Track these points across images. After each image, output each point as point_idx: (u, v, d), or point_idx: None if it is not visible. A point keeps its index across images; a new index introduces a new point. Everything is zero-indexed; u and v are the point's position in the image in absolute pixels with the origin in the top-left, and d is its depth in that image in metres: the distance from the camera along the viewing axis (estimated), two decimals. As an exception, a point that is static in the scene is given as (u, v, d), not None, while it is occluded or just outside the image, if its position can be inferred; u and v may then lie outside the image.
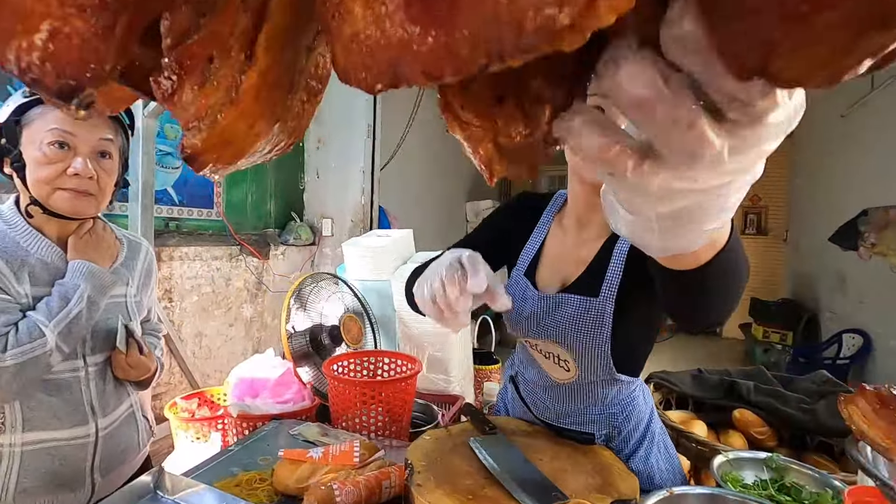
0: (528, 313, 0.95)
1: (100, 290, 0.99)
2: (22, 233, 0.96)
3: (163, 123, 2.51)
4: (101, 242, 1.04)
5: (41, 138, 0.91)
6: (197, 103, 0.24)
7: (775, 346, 5.27)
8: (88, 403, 1.02)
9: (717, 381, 1.47)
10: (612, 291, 0.87)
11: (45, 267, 0.97)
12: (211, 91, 0.24)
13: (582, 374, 0.93)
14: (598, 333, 0.88)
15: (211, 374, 2.81)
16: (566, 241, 0.97)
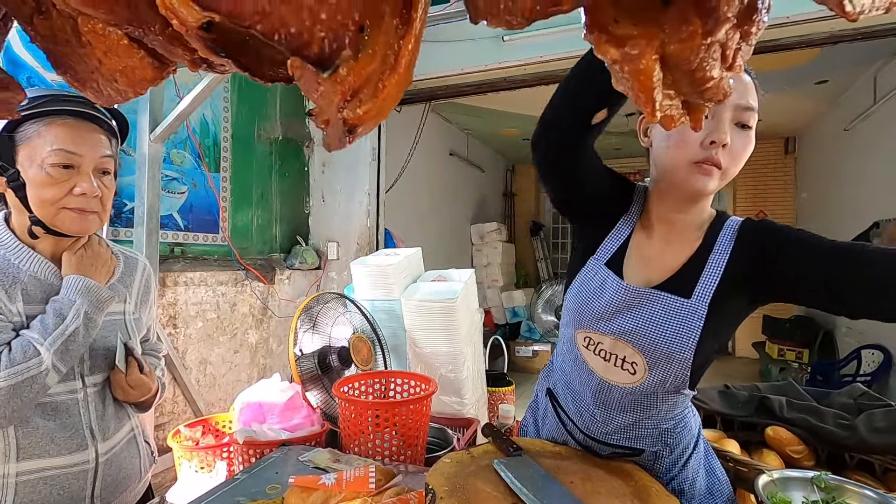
0: (604, 304, 0.89)
1: (97, 306, 0.95)
2: (13, 250, 0.92)
3: (169, 149, 2.51)
4: (96, 258, 1.01)
5: (44, 158, 0.88)
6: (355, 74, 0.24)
7: (791, 364, 5.14)
8: (88, 427, 0.97)
9: (747, 398, 1.39)
10: (706, 295, 0.83)
11: (39, 284, 0.93)
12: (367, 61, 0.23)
13: (651, 378, 0.86)
14: (687, 337, 0.82)
15: (215, 402, 2.74)
16: (653, 241, 0.92)
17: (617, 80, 0.25)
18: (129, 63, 0.38)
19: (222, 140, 2.89)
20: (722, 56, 0.23)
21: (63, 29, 0.38)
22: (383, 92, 0.25)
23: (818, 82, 4.37)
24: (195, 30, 0.29)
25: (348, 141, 0.28)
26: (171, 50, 0.35)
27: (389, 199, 3.73)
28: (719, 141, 0.78)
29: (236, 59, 0.31)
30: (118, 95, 0.42)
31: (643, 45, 0.23)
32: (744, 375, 5.74)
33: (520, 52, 2.83)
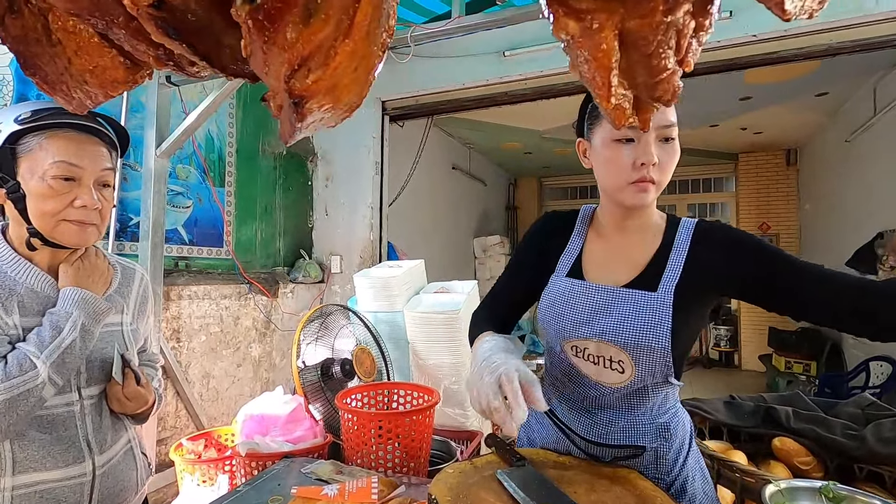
0: (579, 309, 0.95)
1: (94, 318, 0.95)
2: (9, 262, 0.92)
3: (174, 164, 2.55)
4: (93, 269, 1.01)
5: (45, 170, 0.89)
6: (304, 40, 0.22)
7: (799, 376, 5.08)
8: (84, 440, 0.96)
9: (753, 408, 1.38)
10: (670, 287, 0.90)
11: (35, 296, 0.93)
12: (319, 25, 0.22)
13: (639, 374, 0.91)
14: (658, 328, 0.88)
15: (218, 416, 2.73)
16: (609, 246, 1.00)
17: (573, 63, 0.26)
18: (100, 62, 0.38)
19: (227, 155, 2.92)
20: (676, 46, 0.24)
21: (34, 28, 0.38)
22: (335, 60, 0.24)
23: (818, 94, 4.40)
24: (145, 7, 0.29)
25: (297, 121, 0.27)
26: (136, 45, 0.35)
27: (392, 212, 3.74)
28: (648, 162, 0.87)
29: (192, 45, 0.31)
30: (88, 99, 0.42)
31: (603, 18, 0.23)
32: (751, 388, 5.67)
33: (520, 66, 2.87)
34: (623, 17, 0.23)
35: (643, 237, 0.97)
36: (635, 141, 0.88)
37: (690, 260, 0.92)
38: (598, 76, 0.25)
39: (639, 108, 0.27)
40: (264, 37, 0.22)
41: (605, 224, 1.01)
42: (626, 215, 0.97)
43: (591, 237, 1.03)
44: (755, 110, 4.76)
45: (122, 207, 2.34)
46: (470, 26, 1.78)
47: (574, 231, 1.05)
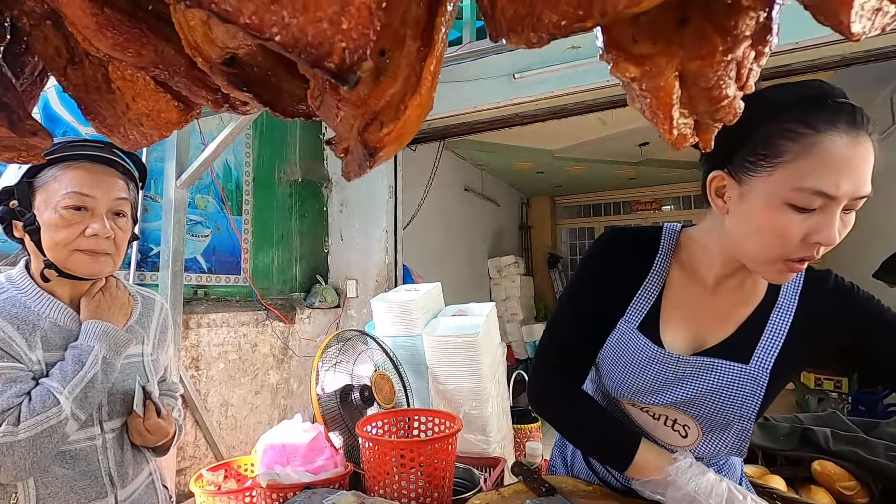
0: (650, 379, 0.80)
1: (115, 351, 0.95)
2: (33, 297, 0.93)
3: (193, 194, 2.60)
4: (114, 301, 1.01)
5: (57, 201, 0.90)
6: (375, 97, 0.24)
7: (830, 393, 4.90)
8: (107, 474, 0.95)
9: (788, 430, 1.32)
10: (768, 359, 0.75)
11: (59, 330, 0.93)
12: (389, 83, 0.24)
13: (704, 443, 0.79)
14: (746, 406, 0.75)
15: (236, 445, 2.71)
16: (698, 295, 0.82)
17: (632, 99, 0.26)
18: (156, 106, 0.40)
19: (244, 183, 2.97)
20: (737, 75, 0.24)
21: (94, 77, 0.41)
22: (404, 114, 0.25)
23: (833, 105, 4.35)
24: (218, 65, 0.30)
25: (368, 166, 0.28)
26: (195, 91, 0.37)
27: (407, 235, 3.76)
28: (828, 243, 0.66)
29: (258, 95, 0.33)
30: (143, 139, 0.44)
31: (663, 63, 0.23)
32: (780, 407, 5.48)
33: (531, 88, 2.90)
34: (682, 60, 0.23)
35: (745, 289, 0.80)
36: (817, 211, 0.65)
37: (795, 323, 0.76)
38: (659, 112, 0.25)
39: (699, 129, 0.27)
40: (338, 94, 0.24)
41: (704, 263, 0.82)
42: (740, 271, 0.79)
43: (674, 276, 0.84)
44: (769, 123, 4.72)
45: (143, 238, 2.38)
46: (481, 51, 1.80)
47: (654, 263, 0.84)
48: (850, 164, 0.63)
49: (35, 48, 0.42)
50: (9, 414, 0.81)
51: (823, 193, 0.63)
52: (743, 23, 0.22)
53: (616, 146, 5.11)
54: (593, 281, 0.89)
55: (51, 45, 0.40)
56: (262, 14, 0.19)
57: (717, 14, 0.22)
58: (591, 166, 6.04)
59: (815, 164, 0.63)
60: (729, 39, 0.22)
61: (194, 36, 0.29)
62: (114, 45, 0.33)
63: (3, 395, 0.82)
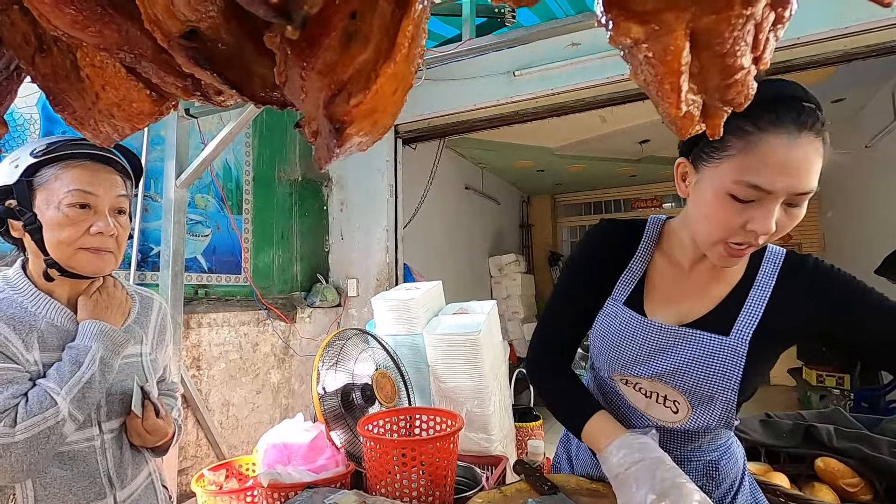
0: (635, 348, 0.85)
1: (113, 351, 0.95)
2: (29, 297, 0.92)
3: (193, 193, 2.59)
4: (112, 300, 1.01)
5: (60, 199, 0.90)
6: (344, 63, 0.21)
7: (832, 390, 4.89)
8: (105, 475, 0.95)
9: (791, 427, 1.32)
10: (747, 332, 0.79)
11: (56, 331, 0.93)
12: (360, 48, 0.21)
13: (694, 418, 0.83)
14: (729, 377, 0.78)
15: (238, 444, 2.71)
16: (678, 275, 0.88)
17: (635, 70, 0.24)
18: (127, 95, 0.38)
19: (244, 183, 2.97)
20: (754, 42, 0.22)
21: (63, 65, 0.39)
22: (376, 83, 0.23)
23: (834, 101, 4.34)
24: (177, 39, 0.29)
25: (336, 146, 0.26)
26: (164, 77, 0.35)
27: (407, 234, 3.75)
28: (764, 232, 0.71)
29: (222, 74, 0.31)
30: (114, 132, 0.43)
31: (672, 18, 0.21)
32: (782, 404, 5.48)
33: (531, 86, 2.89)
34: (695, 15, 0.21)
35: (716, 268, 0.84)
36: (755, 203, 0.71)
37: (773, 300, 0.80)
38: (666, 82, 0.23)
39: (707, 114, 0.25)
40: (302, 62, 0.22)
41: (678, 248, 0.88)
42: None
43: (657, 260, 0.90)
44: (770, 119, 4.71)
45: (144, 238, 2.38)
46: (480, 48, 1.79)
47: (638, 249, 0.91)
48: (787, 163, 0.68)
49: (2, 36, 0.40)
50: (5, 416, 0.81)
51: (759, 188, 0.69)
52: None
53: (616, 144, 5.09)
54: (583, 264, 0.97)
55: (18, 31, 0.38)
56: None
57: None
58: (592, 164, 6.02)
59: (754, 161, 0.69)
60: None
61: (154, 8, 0.28)
62: (73, 23, 0.31)
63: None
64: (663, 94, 0.23)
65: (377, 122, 0.24)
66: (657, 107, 0.25)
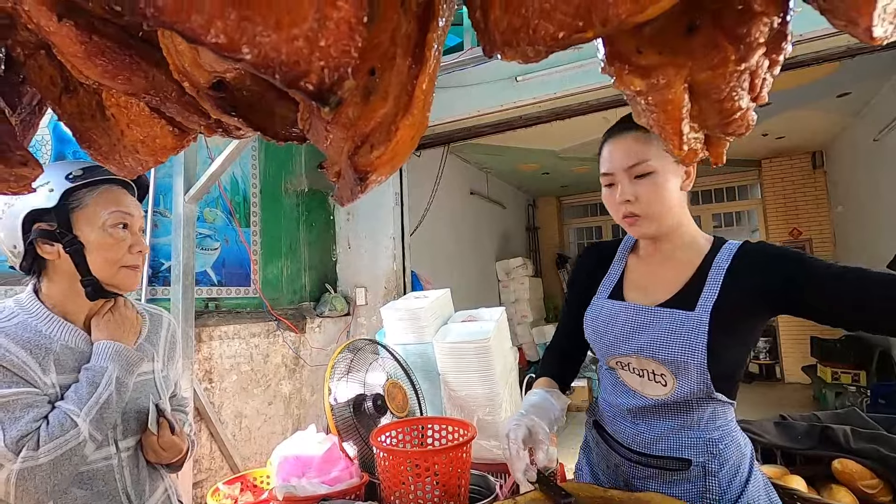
0: (619, 327, 1.00)
1: (127, 370, 0.96)
2: (43, 320, 0.94)
3: (202, 208, 2.62)
4: (124, 320, 1.02)
5: (103, 220, 0.94)
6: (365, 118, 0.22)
7: (847, 387, 4.82)
8: (124, 492, 0.96)
9: (807, 428, 1.31)
10: (707, 306, 0.92)
11: (71, 352, 0.94)
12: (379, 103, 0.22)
13: (679, 387, 0.94)
14: (694, 344, 0.90)
15: (251, 456, 2.72)
16: (650, 268, 1.05)
17: (637, 113, 0.25)
18: (151, 132, 0.40)
19: (251, 196, 3.00)
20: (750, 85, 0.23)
21: (89, 105, 0.41)
22: (396, 135, 0.24)
23: (840, 95, 4.31)
24: (206, 90, 0.30)
25: (359, 191, 0.28)
26: (188, 116, 0.37)
27: (414, 241, 3.76)
28: (622, 200, 0.96)
29: (247, 118, 0.32)
30: (139, 165, 0.45)
31: (671, 73, 0.22)
32: (796, 402, 5.41)
33: (533, 90, 2.89)
34: (692, 70, 0.22)
35: (682, 259, 1.00)
36: (614, 185, 0.99)
37: (729, 279, 0.93)
38: (668, 127, 0.24)
39: (710, 143, 0.26)
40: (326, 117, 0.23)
41: (644, 248, 1.07)
42: (656, 240, 1.03)
43: (631, 262, 1.09)
44: (775, 115, 4.69)
45: (154, 253, 2.40)
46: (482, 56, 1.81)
47: (615, 258, 1.11)
48: (609, 154, 1.00)
49: (29, 77, 0.42)
50: (28, 439, 0.82)
51: (605, 173, 1.00)
52: (756, 30, 0.21)
53: (621, 144, 5.08)
54: (577, 279, 1.20)
55: (45, 74, 0.40)
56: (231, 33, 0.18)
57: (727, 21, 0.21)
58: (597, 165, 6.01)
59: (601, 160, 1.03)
60: (741, 48, 0.21)
61: (182, 60, 0.29)
62: (104, 73, 0.33)
63: (20, 420, 0.82)
64: (666, 136, 0.24)
65: (396, 165, 0.25)
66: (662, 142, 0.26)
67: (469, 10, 0.22)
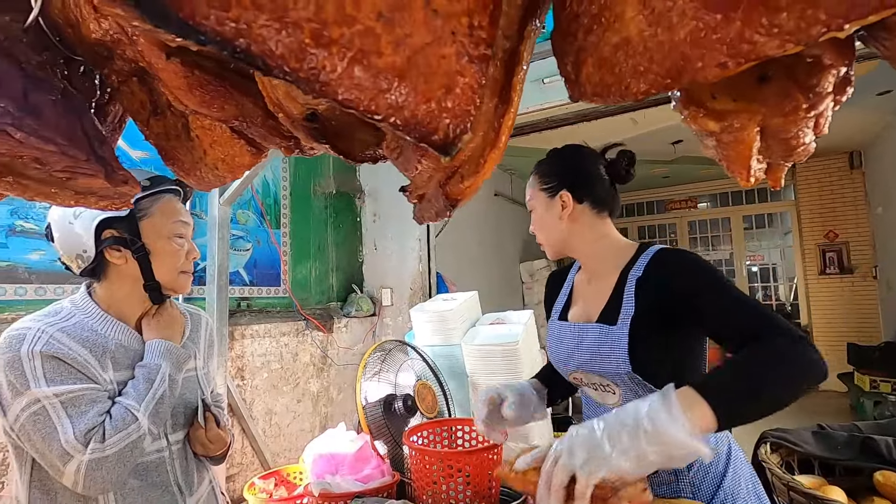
0: (566, 347, 1.09)
1: (177, 367, 1.02)
2: (99, 320, 0.99)
3: (235, 210, 2.70)
4: (172, 320, 1.08)
5: (169, 230, 1.01)
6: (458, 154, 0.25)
7: (888, 396, 4.64)
8: (175, 483, 1.01)
9: (847, 439, 1.27)
10: (626, 319, 0.99)
11: (125, 351, 1.00)
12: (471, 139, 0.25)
13: (625, 395, 1.01)
14: (618, 356, 0.98)
15: (280, 452, 2.78)
16: (587, 286, 1.15)
17: (706, 146, 0.26)
18: (231, 151, 0.44)
19: (282, 198, 3.07)
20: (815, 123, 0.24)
21: (175, 127, 0.45)
22: (484, 167, 0.26)
23: (880, 93, 4.16)
24: (300, 121, 0.33)
25: (447, 215, 0.30)
26: (270, 139, 0.40)
27: (439, 243, 3.79)
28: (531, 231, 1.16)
29: (334, 145, 0.35)
30: (217, 180, 0.48)
31: (745, 119, 0.24)
32: (833, 411, 5.23)
33: (561, 92, 2.87)
34: (765, 116, 0.23)
35: (605, 274, 1.08)
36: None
37: (640, 290, 0.99)
38: (737, 163, 0.25)
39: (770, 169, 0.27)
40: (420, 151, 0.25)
41: (581, 268, 1.18)
42: (581, 260, 1.15)
43: (576, 282, 1.19)
44: (810, 115, 4.54)
45: (190, 254, 2.48)
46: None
47: (566, 281, 1.22)
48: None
49: (122, 102, 0.46)
50: (94, 432, 0.87)
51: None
52: (825, 80, 0.22)
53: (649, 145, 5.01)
54: (545, 306, 1.29)
55: (136, 98, 0.44)
56: (379, 100, 0.20)
57: (798, 72, 0.22)
58: (623, 166, 5.93)
59: None
60: (811, 96, 0.22)
61: (276, 93, 0.32)
62: (201, 103, 0.36)
63: (86, 414, 0.88)
64: (734, 170, 0.26)
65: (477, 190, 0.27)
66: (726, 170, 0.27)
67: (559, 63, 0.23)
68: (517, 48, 0.25)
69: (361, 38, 0.19)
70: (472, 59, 0.21)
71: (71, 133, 0.40)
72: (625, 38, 0.18)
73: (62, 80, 0.42)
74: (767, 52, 0.16)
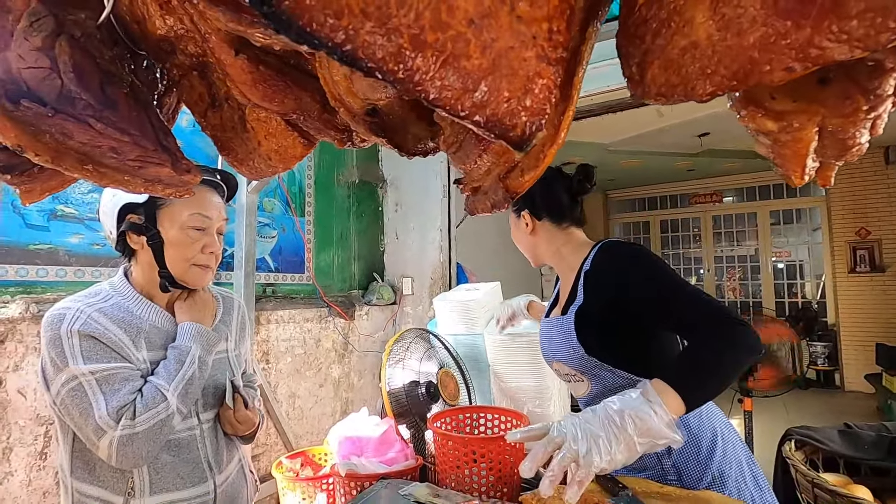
0: (543, 341, 1.21)
1: (207, 349, 1.05)
2: (135, 302, 1.03)
3: (262, 198, 2.75)
4: (204, 304, 1.12)
5: (184, 221, 1.02)
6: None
7: (917, 399, 4.52)
8: (206, 461, 1.05)
9: (875, 438, 1.26)
10: (573, 310, 1.09)
11: (158, 332, 1.04)
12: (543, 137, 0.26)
13: (592, 382, 1.09)
14: (569, 345, 1.08)
15: (303, 434, 2.86)
16: (562, 287, 1.25)
17: (760, 146, 0.27)
18: (284, 143, 0.46)
19: (307, 186, 3.12)
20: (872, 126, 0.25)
21: (231, 118, 0.47)
22: (543, 161, 0.28)
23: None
24: (362, 116, 0.35)
25: (503, 207, 0.32)
26: (324, 131, 0.42)
27: (459, 233, 3.80)
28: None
29: (391, 139, 0.37)
30: (269, 170, 0.50)
31: (804, 119, 0.24)
32: (859, 412, 5.12)
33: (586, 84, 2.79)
34: (825, 117, 0.24)
35: (571, 272, 1.18)
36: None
37: (586, 281, 1.09)
38: (792, 161, 0.26)
39: (821, 168, 0.28)
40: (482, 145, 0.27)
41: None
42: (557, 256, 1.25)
43: (560, 283, 1.29)
44: (845, 108, 4.40)
45: (219, 240, 2.55)
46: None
47: (556, 283, 1.33)
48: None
49: (181, 94, 0.48)
50: (126, 409, 0.92)
51: None
52: (887, 84, 0.23)
53: (673, 137, 4.93)
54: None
55: (196, 91, 0.47)
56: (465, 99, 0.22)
57: (859, 75, 0.23)
58: (647, 159, 5.85)
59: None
60: (872, 98, 0.23)
61: (338, 89, 0.34)
62: (264, 97, 0.38)
63: (119, 392, 0.93)
64: (788, 168, 0.27)
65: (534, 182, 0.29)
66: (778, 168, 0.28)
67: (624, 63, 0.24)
68: (579, 48, 0.26)
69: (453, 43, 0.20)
70: (550, 61, 0.23)
71: (141, 124, 0.42)
72: (693, 41, 0.19)
73: (130, 74, 0.45)
74: (836, 57, 0.17)
